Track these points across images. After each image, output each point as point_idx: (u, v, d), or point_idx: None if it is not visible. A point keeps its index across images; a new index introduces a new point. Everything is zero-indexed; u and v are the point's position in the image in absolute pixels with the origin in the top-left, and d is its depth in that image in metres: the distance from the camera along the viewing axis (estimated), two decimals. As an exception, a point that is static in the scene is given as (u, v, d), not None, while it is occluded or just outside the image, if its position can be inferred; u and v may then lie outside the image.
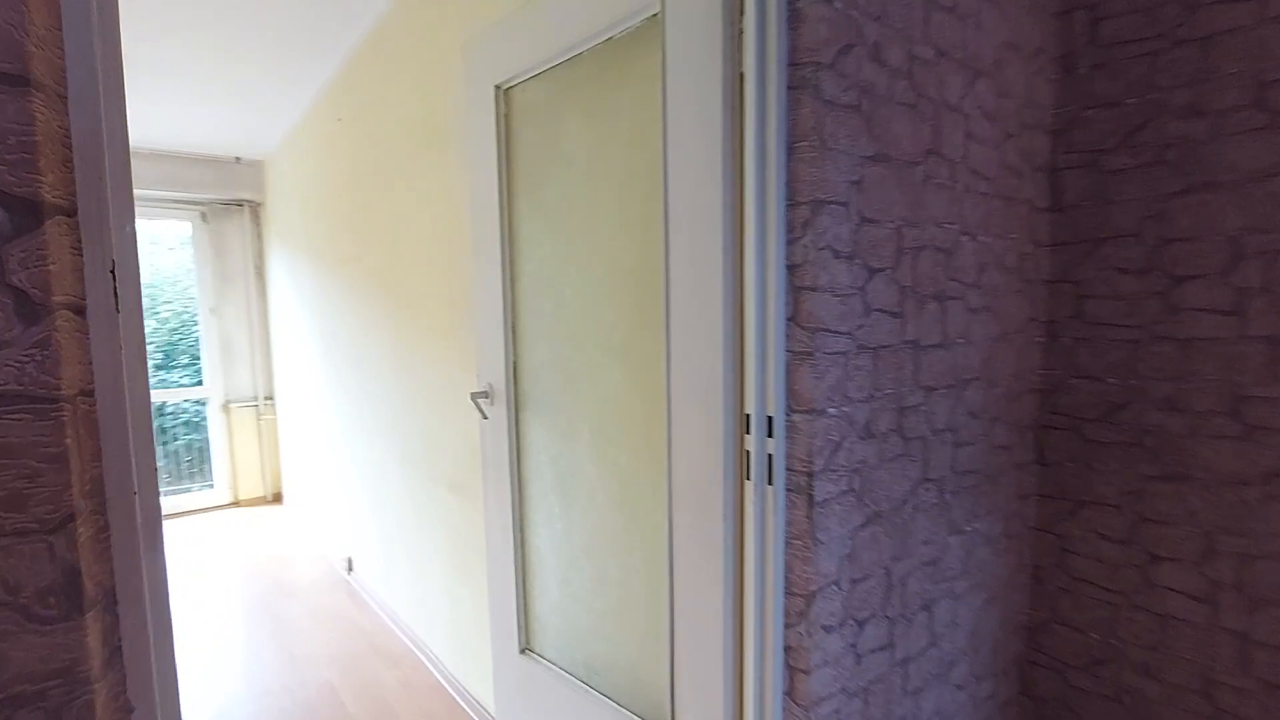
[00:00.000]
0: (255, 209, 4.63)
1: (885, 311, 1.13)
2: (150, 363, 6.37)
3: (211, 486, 4.80)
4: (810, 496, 1.03)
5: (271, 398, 4.79)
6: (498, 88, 1.46)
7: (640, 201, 1.19)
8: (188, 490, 5.39)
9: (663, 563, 1.20)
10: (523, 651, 1.62)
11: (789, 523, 1.06)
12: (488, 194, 1.52)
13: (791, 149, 0.99)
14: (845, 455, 1.09)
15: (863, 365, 1.10)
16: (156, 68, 2.74)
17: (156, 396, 5.90)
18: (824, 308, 1.01)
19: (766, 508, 1.04)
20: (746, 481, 1.05)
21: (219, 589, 3.32)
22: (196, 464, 6.03)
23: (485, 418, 1.59)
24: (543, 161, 1.40)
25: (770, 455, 1.03)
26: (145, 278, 4.91)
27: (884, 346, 1.14)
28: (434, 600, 2.43)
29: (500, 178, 1.48)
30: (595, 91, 1.26)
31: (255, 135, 3.88)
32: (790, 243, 1.01)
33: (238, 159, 4.36)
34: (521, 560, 1.60)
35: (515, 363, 1.55)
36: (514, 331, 1.54)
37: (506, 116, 1.48)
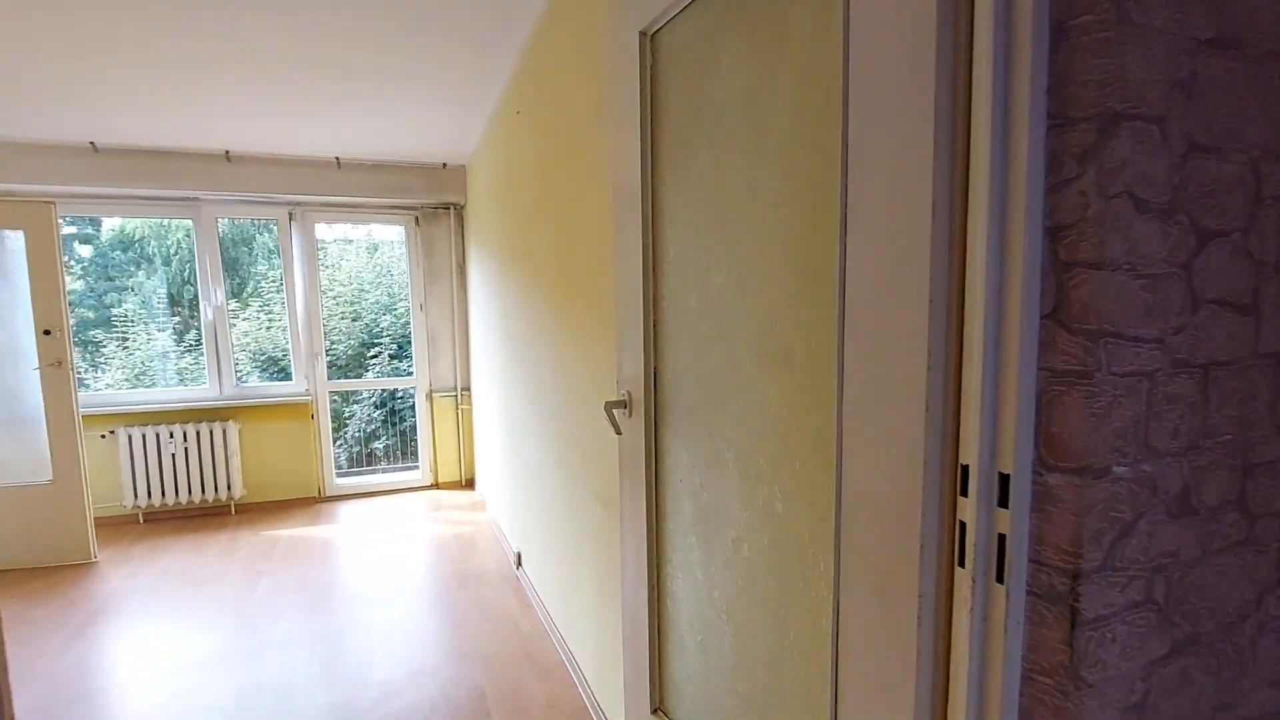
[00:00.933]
0: (459, 211, 4.94)
1: (1227, 304, 0.67)
2: (386, 353, 7.28)
3: (417, 468, 5.23)
4: (1074, 609, 0.63)
5: (468, 389, 5.08)
6: (643, 34, 1.20)
7: (807, 153, 0.85)
8: (400, 469, 5.97)
9: (824, 659, 0.85)
10: (654, 712, 1.35)
11: (1031, 647, 0.65)
12: (628, 163, 1.27)
13: (1061, 27, 0.60)
14: (1142, 543, 0.66)
15: (1182, 394, 0.66)
16: (382, 86, 2.93)
17: (389, 383, 6.66)
18: (1115, 297, 0.60)
19: (992, 617, 0.65)
20: (959, 569, 0.67)
21: (409, 567, 3.52)
22: (409, 448, 6.68)
23: (619, 433, 1.34)
24: (690, 118, 1.12)
25: (1003, 536, 0.64)
26: (370, 275, 5.45)
27: (1222, 364, 0.68)
28: (584, 616, 2.26)
29: (643, 141, 1.22)
30: (755, 12, 0.94)
31: (457, 141, 4.09)
32: (1054, 189, 0.61)
33: (444, 165, 4.67)
34: (656, 605, 1.33)
35: (655, 369, 1.28)
36: (655, 330, 1.27)
37: (652, 68, 1.22)
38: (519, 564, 3.39)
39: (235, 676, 2.46)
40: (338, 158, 4.41)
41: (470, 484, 5.16)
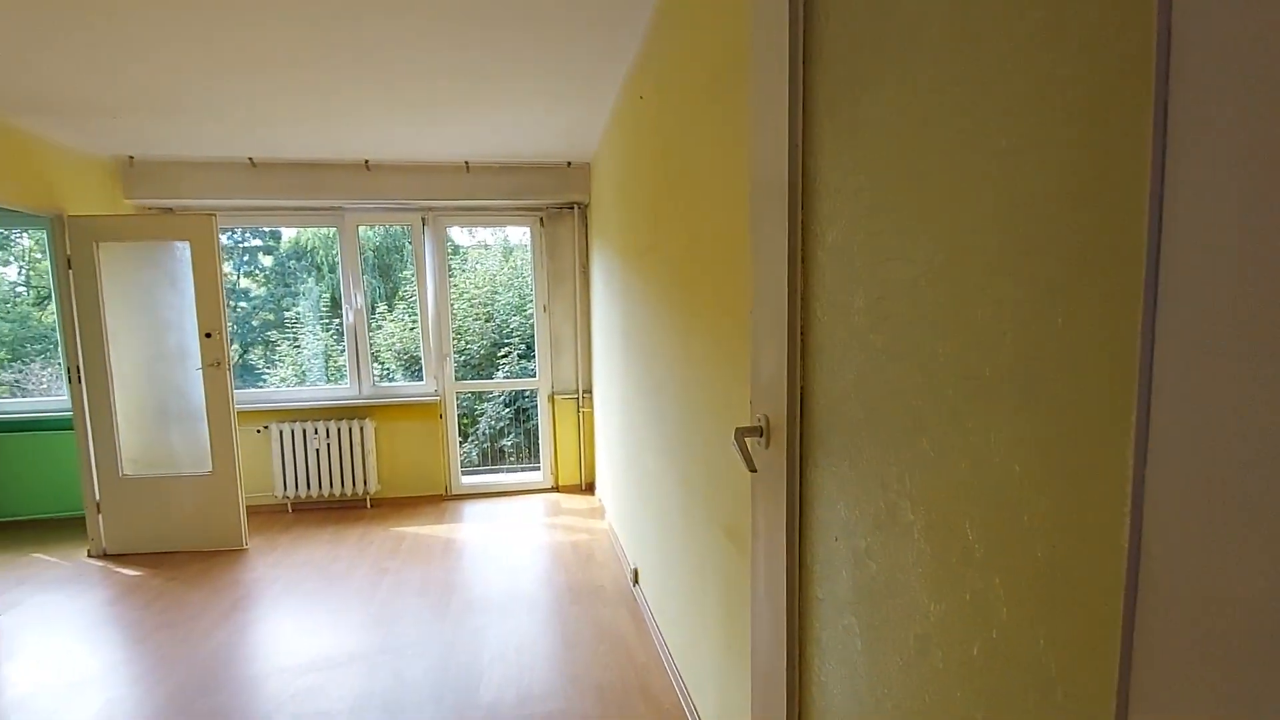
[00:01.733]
0: (583, 210, 4.84)
1: None
2: (515, 353, 7.43)
3: (538, 470, 5.21)
4: None
5: (590, 391, 4.98)
6: (794, -49, 0.92)
7: (1079, 60, 0.53)
8: (524, 469, 6.01)
9: None
10: (796, 828, 1.05)
11: None
12: (772, 119, 0.98)
13: None
14: None
15: None
16: (509, 86, 2.86)
17: (513, 384, 6.77)
18: None
19: None
20: None
21: (526, 574, 3.43)
22: (535, 447, 6.75)
23: (752, 469, 1.06)
24: (862, 54, 0.82)
25: None
26: (504, 277, 5.52)
27: None
28: (705, 660, 1.99)
29: (792, 90, 0.93)
30: None
31: (580, 138, 3.98)
32: None
33: (569, 163, 4.58)
34: (797, 692, 1.03)
35: (803, 389, 0.99)
36: (803, 339, 0.98)
37: (806, 4, 0.92)
38: (635, 580, 3.18)
39: (351, 682, 2.44)
40: (467, 162, 4.46)
41: (590, 488, 5.06)
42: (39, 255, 6.30)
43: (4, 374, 5.95)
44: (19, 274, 6.52)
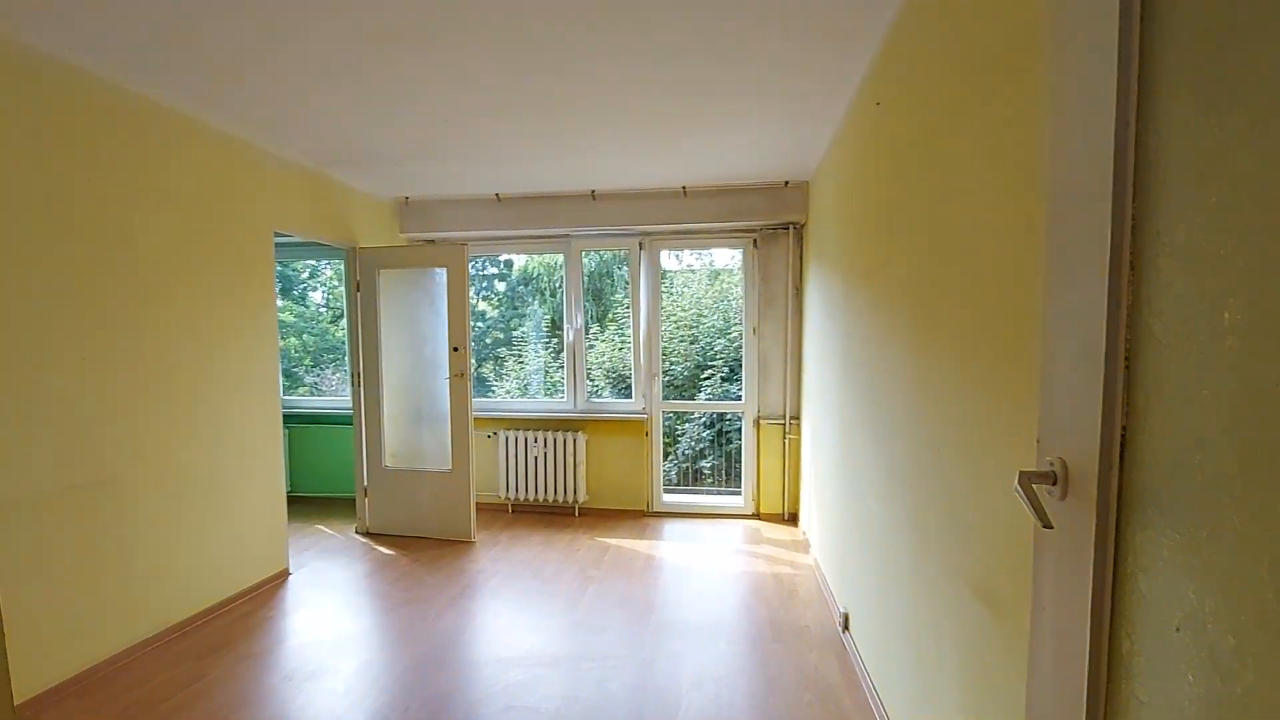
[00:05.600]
0: (799, 230, 4.69)
1: None
2: (718, 375, 7.44)
3: (739, 495, 5.09)
4: None
5: (798, 417, 4.77)
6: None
7: None
8: (723, 493, 5.93)
9: None
10: None
11: None
12: (1088, 95, 0.80)
13: None
14: None
15: None
16: (728, 104, 2.88)
17: (719, 406, 6.76)
18: None
19: None
20: None
21: (725, 602, 3.33)
22: (734, 470, 6.65)
23: (1046, 525, 0.86)
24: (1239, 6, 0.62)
25: None
26: (709, 300, 5.55)
27: None
28: (938, 737, 1.72)
29: (1121, 53, 0.74)
30: None
31: (800, 157, 3.86)
32: None
33: (786, 183, 4.47)
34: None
35: (1125, 429, 0.77)
36: (1128, 365, 0.77)
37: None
38: (845, 626, 2.92)
39: (557, 684, 2.53)
40: (684, 186, 4.56)
41: (793, 519, 4.82)
42: (336, 282, 7.69)
43: (307, 377, 7.37)
44: (322, 297, 8.02)
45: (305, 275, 7.83)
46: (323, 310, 7.94)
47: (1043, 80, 1.12)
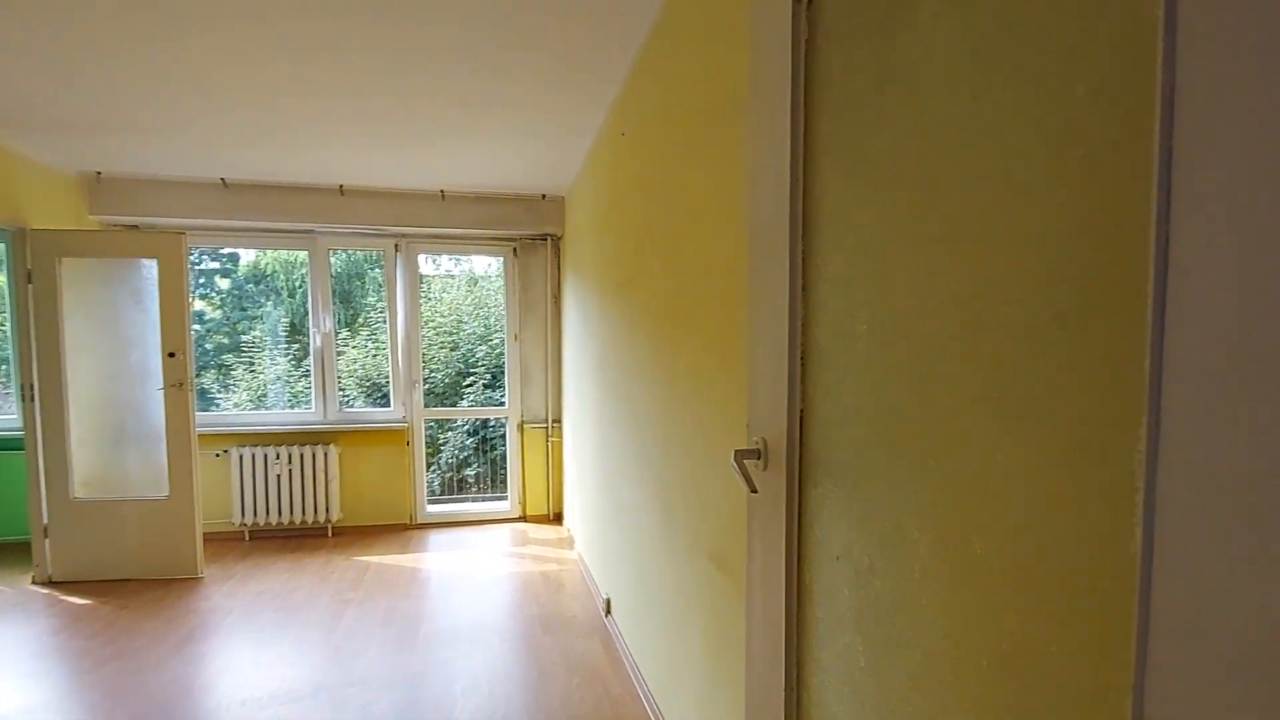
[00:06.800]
0: (556, 241, 4.89)
1: None
2: (480, 382, 7.36)
3: (505, 499, 5.14)
4: None
5: (560, 420, 4.96)
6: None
7: (1084, 107, 0.59)
8: (489, 499, 5.92)
9: None
10: None
11: None
12: (773, 158, 1.04)
13: None
14: None
15: None
16: (486, 113, 2.90)
17: (482, 412, 6.68)
18: None
19: None
20: None
21: (494, 605, 3.36)
22: (499, 476, 6.66)
23: (753, 490, 1.09)
24: (866, 95, 0.88)
25: None
26: (469, 307, 5.49)
27: None
28: (686, 688, 1.99)
29: (793, 131, 0.99)
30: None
31: (557, 171, 4.04)
32: None
33: (543, 196, 4.64)
34: (795, 712, 1.05)
35: (803, 412, 1.03)
36: (803, 364, 1.02)
37: (808, 42, 0.99)
38: (608, 611, 3.15)
39: (317, 716, 2.35)
40: (442, 190, 4.48)
41: (558, 518, 5.01)
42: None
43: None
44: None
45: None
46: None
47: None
